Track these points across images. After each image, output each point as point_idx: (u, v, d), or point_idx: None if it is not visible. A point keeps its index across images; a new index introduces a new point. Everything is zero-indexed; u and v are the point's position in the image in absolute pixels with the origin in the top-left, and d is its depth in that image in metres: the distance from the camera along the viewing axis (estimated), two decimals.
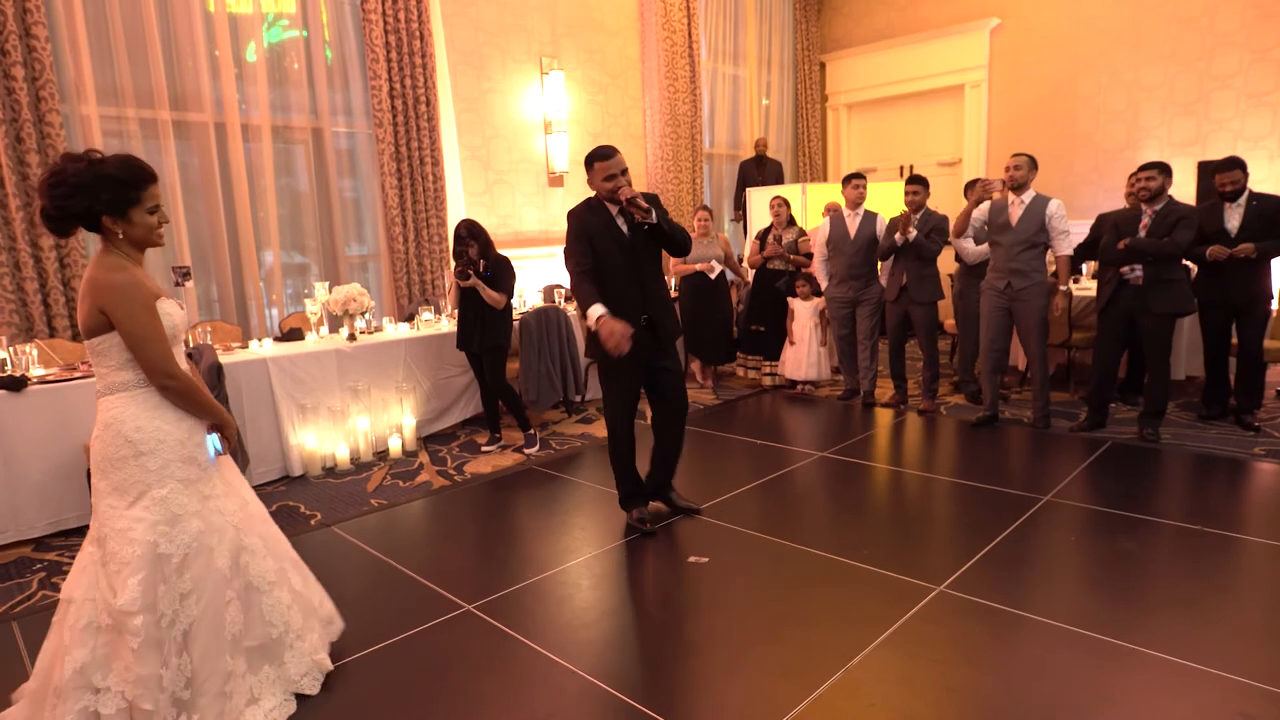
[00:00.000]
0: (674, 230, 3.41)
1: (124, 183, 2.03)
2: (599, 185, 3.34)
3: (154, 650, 2.03)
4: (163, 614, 2.05)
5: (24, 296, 4.42)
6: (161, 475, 2.09)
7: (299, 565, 2.52)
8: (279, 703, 2.28)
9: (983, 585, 2.91)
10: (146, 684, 2.01)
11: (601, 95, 7.79)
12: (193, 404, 2.16)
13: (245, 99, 5.46)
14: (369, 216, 6.26)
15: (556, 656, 2.57)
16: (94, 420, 2.13)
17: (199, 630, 2.10)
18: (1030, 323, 4.74)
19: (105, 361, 2.09)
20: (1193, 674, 2.32)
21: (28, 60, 4.36)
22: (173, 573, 2.07)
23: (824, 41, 10.11)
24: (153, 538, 2.06)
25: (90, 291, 2.03)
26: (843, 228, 5.57)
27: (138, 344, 2.05)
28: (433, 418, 5.32)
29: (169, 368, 2.09)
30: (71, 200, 1.99)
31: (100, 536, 2.09)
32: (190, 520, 2.12)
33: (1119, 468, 4.19)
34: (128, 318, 2.03)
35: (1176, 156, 7.24)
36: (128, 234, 2.07)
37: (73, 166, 1.99)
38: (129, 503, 2.07)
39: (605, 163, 3.32)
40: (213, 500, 2.20)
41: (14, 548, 3.67)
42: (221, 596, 2.16)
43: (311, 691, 2.38)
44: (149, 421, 2.09)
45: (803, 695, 2.29)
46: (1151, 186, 4.40)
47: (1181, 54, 7.46)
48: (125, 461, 2.07)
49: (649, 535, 3.53)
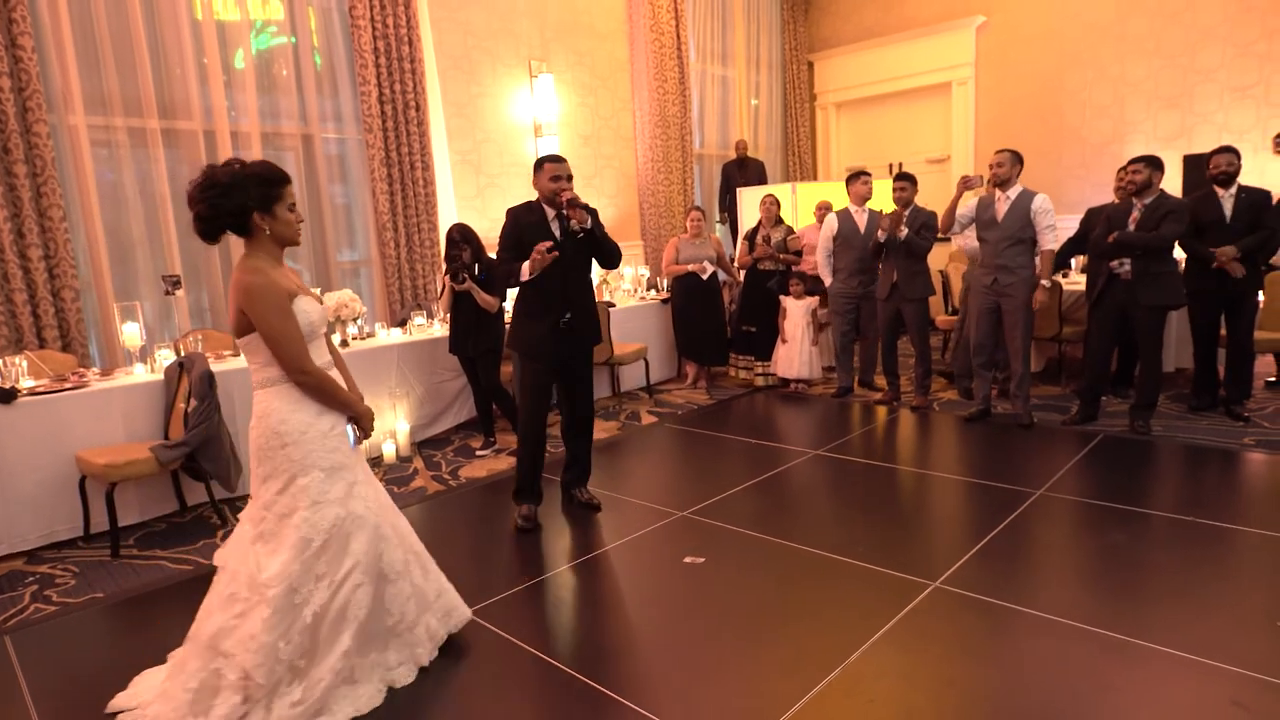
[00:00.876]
0: (606, 241, 3.59)
1: (268, 180, 2.19)
2: (544, 185, 3.53)
3: (281, 622, 2.17)
4: (297, 591, 2.19)
5: (13, 308, 4.40)
6: (305, 464, 2.24)
7: (422, 556, 2.61)
8: (374, 690, 2.36)
9: (978, 580, 2.93)
10: (265, 653, 2.15)
11: (591, 98, 7.79)
12: (328, 397, 2.30)
13: (234, 106, 5.45)
14: (360, 222, 6.25)
15: (553, 660, 2.57)
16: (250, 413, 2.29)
17: (328, 611, 2.23)
18: (1014, 318, 4.76)
19: (254, 358, 2.25)
20: (1189, 664, 2.33)
21: (14, 70, 4.33)
22: (312, 556, 2.22)
23: (812, 41, 10.14)
24: (296, 522, 2.21)
25: (234, 294, 2.19)
26: (852, 223, 5.62)
27: (272, 343, 2.19)
28: (426, 423, 5.31)
29: (302, 364, 2.22)
30: (226, 199, 2.15)
31: (255, 517, 2.27)
32: (331, 507, 2.26)
33: (1111, 460, 4.21)
34: (261, 319, 2.17)
35: (1162, 150, 7.28)
36: (273, 230, 2.23)
37: (221, 170, 2.17)
38: (279, 488, 2.24)
39: (555, 165, 3.52)
40: (356, 487, 2.34)
41: (6, 560, 3.64)
42: (354, 580, 2.28)
43: (405, 683, 2.43)
44: (293, 414, 2.24)
45: (802, 693, 2.30)
46: (1138, 180, 4.43)
47: (1166, 48, 7.52)
48: (274, 451, 2.23)
49: (526, 532, 3.63)
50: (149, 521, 4.06)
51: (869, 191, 5.61)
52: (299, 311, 2.23)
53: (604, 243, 3.59)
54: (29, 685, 2.59)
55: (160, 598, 3.22)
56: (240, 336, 2.23)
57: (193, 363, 3.92)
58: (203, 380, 3.84)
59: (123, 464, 3.58)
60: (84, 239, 4.81)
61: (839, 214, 5.73)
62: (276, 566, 2.18)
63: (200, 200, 2.15)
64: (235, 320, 2.21)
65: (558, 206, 3.50)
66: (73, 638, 2.95)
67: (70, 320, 4.59)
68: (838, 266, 5.73)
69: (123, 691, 2.41)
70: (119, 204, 4.99)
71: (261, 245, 2.24)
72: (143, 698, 2.35)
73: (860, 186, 5.60)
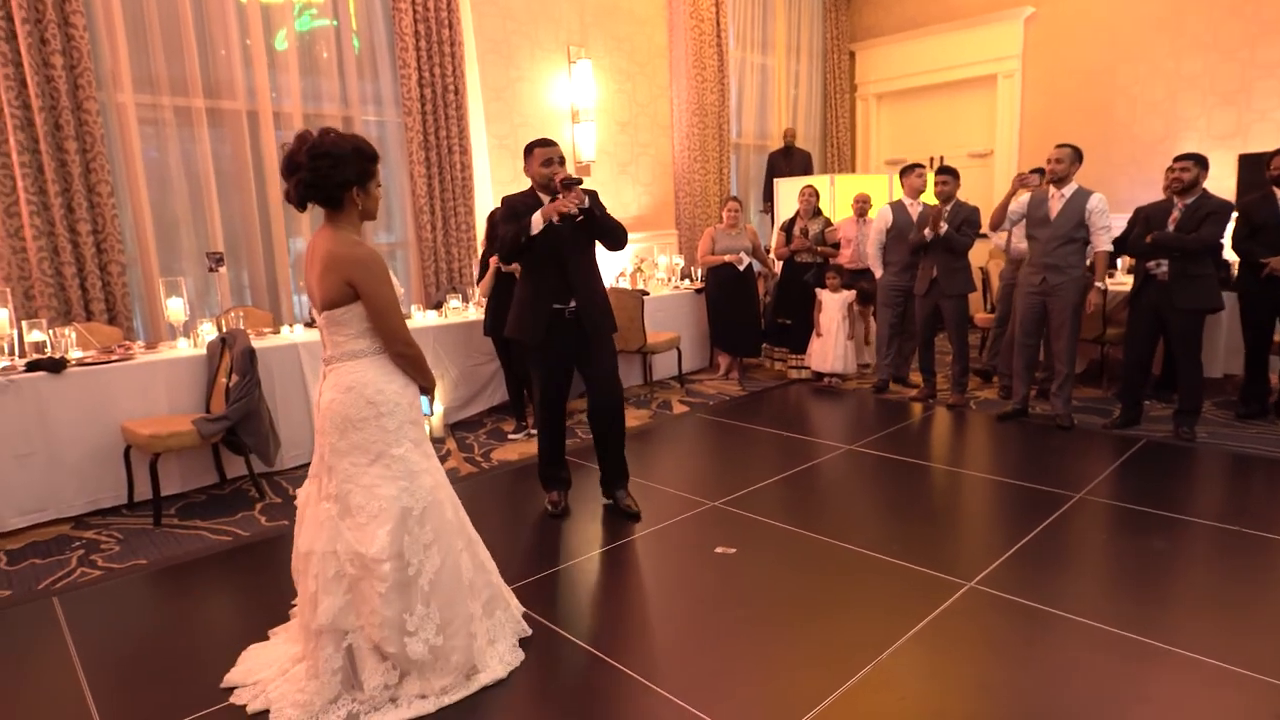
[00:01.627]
0: (607, 221, 3.45)
1: (368, 156, 2.19)
2: (536, 171, 3.43)
3: (399, 595, 2.20)
4: (409, 563, 2.21)
5: (62, 281, 4.50)
6: (399, 435, 2.25)
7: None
8: (511, 645, 2.47)
9: (1014, 582, 2.88)
10: (391, 626, 2.18)
11: (629, 84, 7.75)
12: (419, 370, 2.31)
13: (277, 87, 5.50)
14: (397, 205, 6.29)
15: (582, 642, 2.58)
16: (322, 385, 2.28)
17: (443, 578, 2.27)
18: (1062, 318, 4.66)
19: (344, 330, 2.21)
20: (1229, 676, 2.28)
21: (66, 49, 4.42)
22: (415, 524, 2.23)
23: (854, 30, 9.98)
24: (395, 492, 2.21)
25: (336, 265, 2.15)
26: (906, 216, 5.55)
27: (381, 314, 2.18)
28: (460, 405, 5.35)
29: (407, 336, 2.25)
30: (336, 170, 2.13)
31: (340, 493, 2.23)
32: (424, 476, 2.29)
33: (1153, 466, 4.12)
34: (375, 290, 2.16)
35: (1216, 149, 7.07)
36: (364, 206, 2.23)
37: (331, 141, 2.13)
38: (370, 460, 2.22)
39: (546, 149, 3.42)
40: (433, 459, 2.38)
41: (54, 525, 3.75)
42: (455, 545, 2.34)
43: (528, 634, 2.58)
44: (387, 385, 2.23)
45: (833, 687, 2.28)
46: (1185, 178, 4.30)
47: (1224, 42, 7.28)
48: (367, 422, 2.21)
49: (556, 517, 3.66)
50: (189, 492, 4.15)
51: (923, 185, 5.54)
52: None
53: (605, 222, 3.44)
54: (75, 645, 2.66)
55: (200, 567, 3.30)
56: (332, 308, 2.18)
57: (235, 339, 3.98)
58: (244, 356, 3.90)
59: (166, 435, 3.66)
60: (130, 215, 4.91)
61: (893, 206, 5.66)
62: (384, 539, 2.17)
63: (309, 168, 2.11)
64: (332, 292, 2.16)
65: (552, 191, 3.36)
66: (116, 602, 3.03)
67: (116, 294, 4.69)
68: (889, 260, 5.67)
69: (234, 668, 2.43)
70: (164, 181, 5.08)
71: (349, 219, 2.22)
72: (259, 674, 2.37)
73: (915, 179, 5.54)
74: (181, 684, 2.41)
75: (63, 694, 2.40)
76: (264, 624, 2.67)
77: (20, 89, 4.29)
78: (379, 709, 2.21)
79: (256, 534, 3.61)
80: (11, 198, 4.34)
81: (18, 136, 4.27)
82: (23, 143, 4.30)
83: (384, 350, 2.24)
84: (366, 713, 2.19)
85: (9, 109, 4.24)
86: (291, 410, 4.44)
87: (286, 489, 4.18)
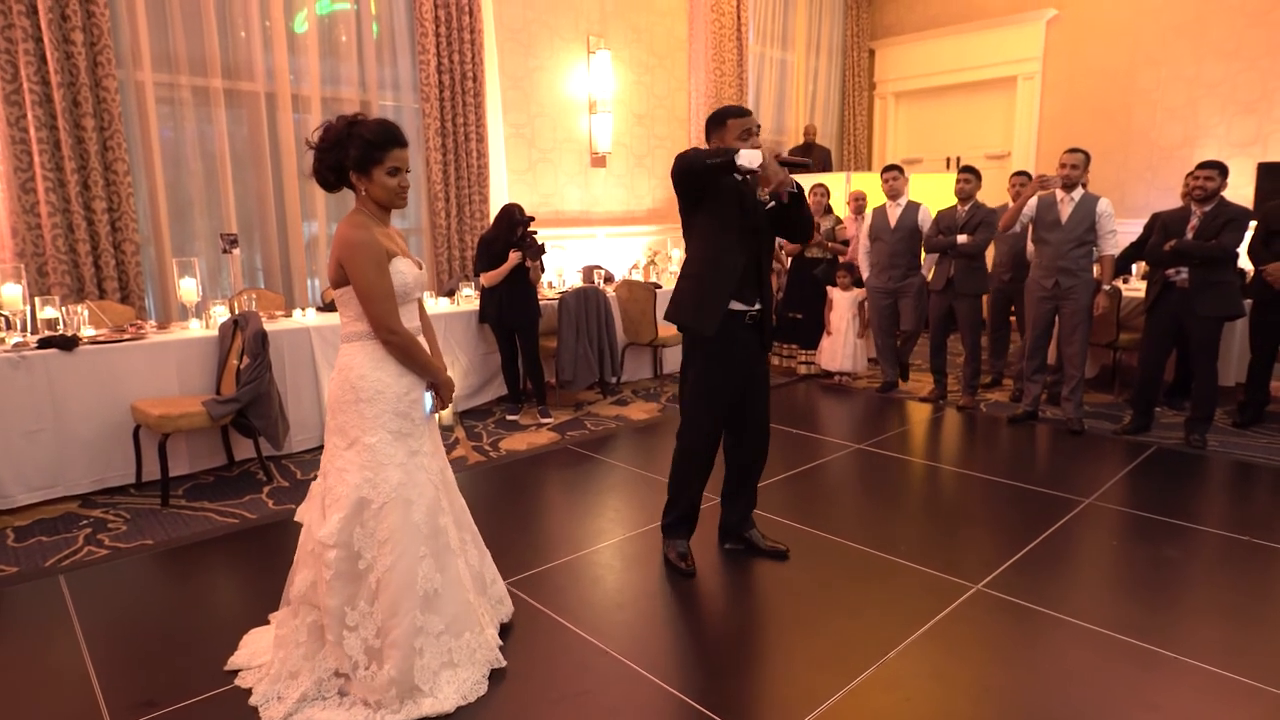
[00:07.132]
0: (805, 209, 2.85)
1: (370, 142, 2.13)
2: (732, 146, 2.72)
3: (344, 586, 2.16)
4: (359, 555, 2.17)
5: (76, 258, 4.51)
6: (375, 424, 2.20)
7: (478, 540, 2.58)
8: (477, 677, 2.28)
9: (1021, 586, 2.87)
10: (332, 615, 2.16)
11: (648, 76, 7.73)
12: (412, 360, 2.26)
13: (295, 70, 5.50)
14: (412, 191, 6.22)
15: (589, 635, 2.58)
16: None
17: (391, 580, 2.16)
18: (1075, 321, 4.64)
19: (346, 312, 2.23)
20: (1236, 686, 2.26)
21: (86, 26, 4.42)
22: (371, 517, 2.18)
23: (874, 28, 9.92)
24: (358, 481, 2.18)
25: (335, 245, 2.18)
26: (883, 218, 5.60)
27: (364, 298, 2.17)
28: (469, 394, 5.35)
29: (390, 324, 2.19)
30: (327, 153, 2.15)
31: (325, 470, 2.26)
32: (393, 470, 2.21)
33: (1164, 473, 4.09)
34: (359, 274, 2.14)
35: (1235, 156, 7.01)
36: (369, 192, 2.19)
37: (336, 124, 2.15)
38: (346, 444, 2.22)
39: (741, 120, 2.78)
40: (419, 457, 2.29)
41: (61, 503, 3.76)
42: (416, 551, 2.21)
43: (501, 665, 2.36)
44: (372, 371, 2.21)
45: (838, 686, 2.27)
46: (1209, 187, 4.27)
47: (1246, 50, 7.21)
48: (348, 406, 2.21)
49: (687, 576, 2.97)
50: (198, 474, 4.16)
51: (895, 189, 5.54)
52: (395, 272, 2.20)
53: (800, 212, 2.82)
54: (81, 623, 2.67)
55: (207, 548, 3.31)
56: (337, 288, 2.21)
57: (247, 321, 3.99)
58: (256, 339, 3.90)
59: (176, 416, 3.67)
60: (145, 194, 4.92)
61: (875, 209, 5.72)
62: (334, 524, 2.15)
63: (314, 149, 2.17)
64: (332, 271, 2.21)
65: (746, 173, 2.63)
66: (123, 581, 3.04)
67: (129, 273, 4.70)
68: (871, 262, 5.72)
69: (237, 651, 2.45)
70: (180, 161, 5.08)
71: (365, 203, 2.22)
72: (264, 657, 2.38)
73: (892, 181, 5.54)
74: (186, 665, 2.42)
75: (67, 672, 2.41)
76: (269, 607, 2.67)
77: (40, 64, 4.30)
78: (325, 698, 2.19)
79: (264, 517, 3.61)
80: (28, 174, 4.35)
81: (35, 112, 4.28)
82: (40, 119, 4.31)
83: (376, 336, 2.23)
84: (313, 699, 2.17)
85: (28, 84, 4.25)
86: (301, 394, 4.45)
87: (294, 472, 4.19)
